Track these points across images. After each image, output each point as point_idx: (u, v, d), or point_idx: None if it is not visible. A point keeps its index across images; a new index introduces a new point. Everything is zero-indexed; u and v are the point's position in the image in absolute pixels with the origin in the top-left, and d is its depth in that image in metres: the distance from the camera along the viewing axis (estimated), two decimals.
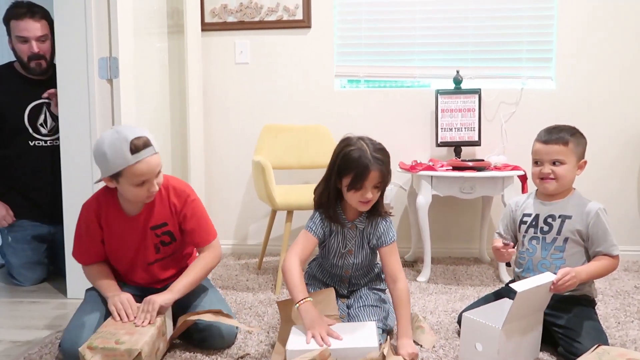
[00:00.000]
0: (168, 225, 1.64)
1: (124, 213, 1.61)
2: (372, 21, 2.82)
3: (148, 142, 1.48)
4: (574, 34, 2.70)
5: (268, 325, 1.83)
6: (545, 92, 2.75)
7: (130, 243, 1.63)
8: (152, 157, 1.49)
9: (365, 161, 1.52)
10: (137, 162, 1.45)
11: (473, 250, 2.82)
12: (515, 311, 1.39)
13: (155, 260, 1.67)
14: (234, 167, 2.93)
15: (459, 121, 2.65)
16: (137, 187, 1.50)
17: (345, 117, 2.83)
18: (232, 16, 2.86)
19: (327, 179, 1.63)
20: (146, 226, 1.61)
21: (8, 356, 1.61)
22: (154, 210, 1.61)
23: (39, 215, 2.37)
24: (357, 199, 1.57)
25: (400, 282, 1.61)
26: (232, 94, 2.91)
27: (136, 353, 1.36)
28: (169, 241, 1.66)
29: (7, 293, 2.27)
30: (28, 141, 2.30)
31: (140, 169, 1.46)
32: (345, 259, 1.73)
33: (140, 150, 1.45)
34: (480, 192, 2.35)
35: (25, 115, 2.28)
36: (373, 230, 1.69)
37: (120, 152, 1.44)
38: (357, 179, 1.53)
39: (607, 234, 1.58)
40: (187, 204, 1.64)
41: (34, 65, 2.24)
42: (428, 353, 1.60)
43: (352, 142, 1.57)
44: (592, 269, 1.57)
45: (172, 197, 1.63)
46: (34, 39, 2.20)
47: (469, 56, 2.79)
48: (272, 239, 2.69)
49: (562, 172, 1.61)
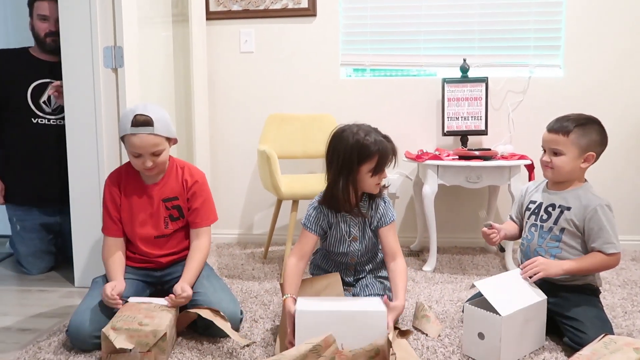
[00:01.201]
0: (178, 200, 1.76)
1: (142, 181, 1.75)
2: (377, 9, 2.79)
3: (149, 121, 1.60)
4: (583, 21, 2.66)
5: (274, 314, 1.84)
6: (554, 81, 2.72)
7: (143, 211, 1.74)
8: (148, 136, 1.61)
9: (383, 145, 1.58)
10: (132, 134, 1.60)
11: (479, 240, 2.81)
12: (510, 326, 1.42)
13: (162, 234, 1.76)
14: (239, 156, 2.93)
15: (466, 110, 2.62)
16: (134, 157, 1.65)
17: (350, 106, 2.81)
18: (236, 5, 2.84)
19: (341, 172, 1.60)
20: (159, 197, 1.74)
21: (17, 343, 1.63)
22: (167, 183, 1.76)
23: (47, 203, 2.39)
24: (376, 182, 1.63)
25: (399, 259, 1.66)
26: (237, 83, 2.90)
27: (162, 334, 1.42)
28: (177, 216, 1.77)
29: (15, 281, 2.30)
30: (31, 118, 2.32)
31: (133, 141, 1.61)
32: (351, 246, 1.74)
33: (139, 125, 1.59)
34: (487, 181, 2.34)
35: (28, 93, 2.31)
36: (374, 213, 1.71)
37: (125, 120, 1.61)
38: (381, 163, 1.59)
39: (603, 230, 1.54)
40: (198, 183, 1.78)
41: (50, 41, 2.31)
42: (433, 342, 1.60)
43: (358, 130, 1.60)
44: (580, 264, 1.55)
45: (186, 174, 1.78)
46: (53, 18, 2.28)
47: (475, 44, 2.76)
48: (277, 229, 2.69)
49: (558, 163, 1.59)
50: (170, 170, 1.77)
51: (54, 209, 2.40)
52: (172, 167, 1.78)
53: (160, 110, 1.68)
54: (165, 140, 1.67)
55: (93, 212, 2.05)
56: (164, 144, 1.67)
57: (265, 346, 1.58)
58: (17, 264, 2.44)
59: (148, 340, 1.40)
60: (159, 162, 1.67)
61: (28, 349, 1.57)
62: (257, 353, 1.53)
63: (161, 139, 1.65)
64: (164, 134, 1.65)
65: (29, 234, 2.38)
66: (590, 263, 1.55)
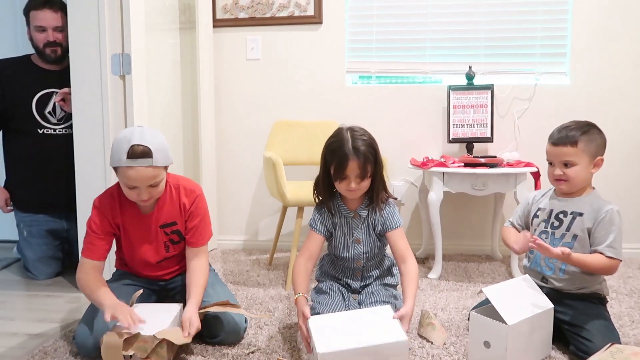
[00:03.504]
0: (177, 224, 1.68)
1: (139, 210, 1.65)
2: (383, 16, 2.80)
3: (148, 153, 1.47)
4: (589, 28, 2.66)
5: (278, 321, 1.84)
6: (560, 88, 2.71)
7: (142, 239, 1.67)
8: (146, 169, 1.48)
9: (344, 152, 1.57)
10: (128, 166, 1.47)
11: (485, 248, 2.80)
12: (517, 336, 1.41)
13: (164, 258, 1.72)
14: (245, 162, 2.94)
15: (471, 117, 2.62)
16: (128, 189, 1.53)
17: (356, 113, 2.82)
18: (243, 12, 2.86)
19: (321, 169, 1.69)
20: (157, 224, 1.66)
21: (23, 348, 1.64)
22: (164, 209, 1.66)
23: (54, 210, 2.40)
24: (345, 188, 1.63)
25: (410, 260, 1.65)
26: (243, 90, 2.92)
27: (159, 340, 1.40)
28: (178, 240, 1.71)
29: (23, 286, 2.31)
30: (37, 129, 2.33)
31: (129, 174, 1.48)
32: (355, 249, 1.74)
33: (136, 157, 1.46)
34: (493, 188, 2.33)
35: (33, 104, 2.31)
36: (377, 217, 1.71)
37: (120, 151, 1.47)
38: (339, 169, 1.59)
39: (609, 234, 1.53)
40: (195, 202, 1.68)
41: (49, 52, 2.30)
42: (439, 350, 1.59)
43: (337, 134, 1.63)
44: (580, 257, 1.52)
45: (182, 197, 1.67)
46: (51, 28, 2.27)
47: (481, 51, 2.76)
48: (282, 235, 2.69)
49: (572, 174, 1.58)
50: (165, 194, 1.64)
51: (60, 215, 2.41)
52: (166, 190, 1.64)
53: (158, 136, 1.54)
54: (163, 170, 1.56)
55: None
56: (162, 175, 1.55)
57: (270, 353, 1.58)
58: (24, 269, 2.45)
59: (147, 345, 1.39)
60: (156, 193, 1.57)
61: (34, 353, 1.57)
62: None
63: (160, 169, 1.53)
64: (162, 164, 1.53)
65: (36, 239, 2.40)
66: (590, 260, 1.53)
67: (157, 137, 1.52)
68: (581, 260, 1.52)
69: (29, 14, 2.29)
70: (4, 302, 2.09)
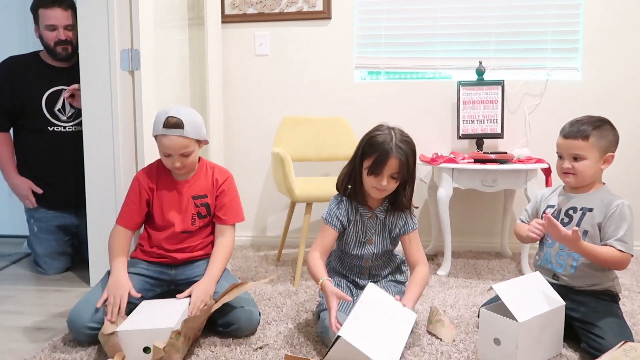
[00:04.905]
0: (207, 197, 1.82)
1: (173, 177, 1.81)
2: (392, 11, 2.78)
3: (180, 124, 1.65)
4: (602, 23, 2.62)
5: (287, 317, 1.83)
6: (571, 83, 2.68)
7: (173, 207, 1.79)
8: (177, 138, 1.66)
9: (388, 147, 1.54)
10: (163, 134, 1.66)
11: (494, 244, 2.78)
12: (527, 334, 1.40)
13: (187, 230, 1.80)
14: (253, 158, 2.94)
15: (481, 113, 2.60)
16: (165, 157, 1.72)
17: (365, 109, 2.80)
18: (252, 8, 2.85)
19: (353, 160, 1.67)
20: (189, 194, 1.80)
21: (33, 342, 1.65)
22: (197, 181, 1.82)
23: (64, 206, 2.41)
24: (373, 185, 1.59)
25: (422, 266, 1.66)
26: (251, 86, 2.91)
27: (174, 331, 1.41)
28: (205, 214, 1.82)
29: (32, 281, 2.33)
30: (47, 126, 2.34)
31: (164, 142, 1.67)
32: (365, 249, 1.73)
33: (170, 127, 1.65)
34: (503, 185, 2.31)
35: (43, 101, 2.32)
36: (395, 220, 1.70)
37: (158, 121, 1.68)
38: (377, 164, 1.55)
39: (619, 228, 1.51)
40: (228, 181, 1.85)
41: (61, 50, 2.30)
42: (448, 347, 1.58)
43: (381, 128, 1.61)
44: (592, 248, 1.50)
45: (216, 173, 1.85)
46: (62, 26, 2.27)
47: (492, 47, 2.73)
48: (291, 231, 2.69)
49: (581, 168, 1.57)
50: (200, 170, 1.83)
51: (70, 211, 2.42)
52: (202, 166, 1.83)
53: (193, 113, 1.73)
54: (194, 142, 1.72)
55: (109, 214, 2.06)
56: (193, 146, 1.71)
57: (278, 349, 1.57)
58: (34, 264, 2.47)
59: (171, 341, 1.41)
60: (188, 162, 1.72)
61: (44, 347, 1.58)
62: (270, 355, 1.53)
63: (190, 141, 1.69)
64: (193, 137, 1.70)
65: (46, 235, 2.41)
66: (600, 251, 1.50)
67: (191, 113, 1.72)
68: (591, 250, 1.50)
69: (38, 11, 2.28)
70: (14, 296, 2.11)
